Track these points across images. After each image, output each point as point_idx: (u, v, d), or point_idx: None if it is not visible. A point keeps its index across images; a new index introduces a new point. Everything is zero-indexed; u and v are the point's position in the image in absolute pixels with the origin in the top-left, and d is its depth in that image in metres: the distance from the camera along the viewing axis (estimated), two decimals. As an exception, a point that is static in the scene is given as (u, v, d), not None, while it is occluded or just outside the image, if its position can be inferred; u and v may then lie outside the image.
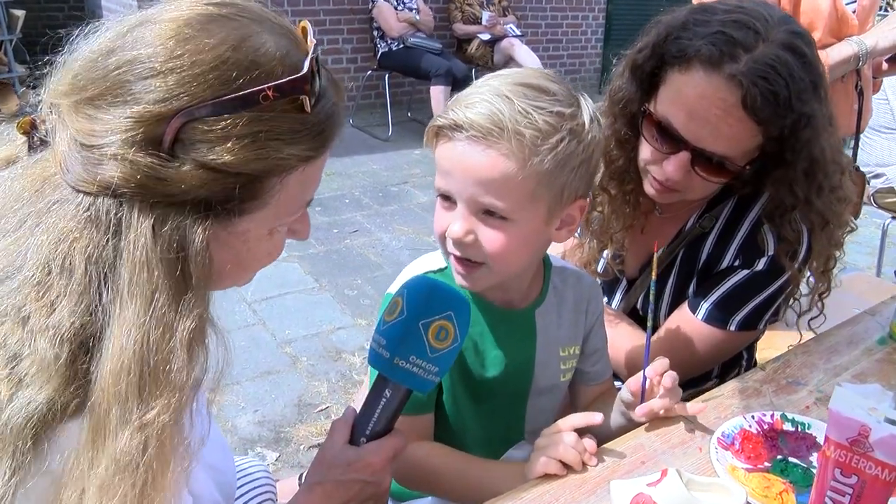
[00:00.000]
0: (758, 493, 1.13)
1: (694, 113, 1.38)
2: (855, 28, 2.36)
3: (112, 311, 0.78)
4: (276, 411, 3.03)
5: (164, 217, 0.79)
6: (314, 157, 0.88)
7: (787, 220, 1.48)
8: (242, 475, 1.48)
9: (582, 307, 1.44)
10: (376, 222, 5.07)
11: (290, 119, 0.83)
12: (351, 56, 7.37)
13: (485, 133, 1.12)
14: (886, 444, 0.89)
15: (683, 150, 1.42)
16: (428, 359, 1.05)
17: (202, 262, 0.81)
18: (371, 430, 1.10)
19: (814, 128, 1.39)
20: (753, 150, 1.44)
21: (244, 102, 0.80)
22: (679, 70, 1.40)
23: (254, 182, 0.83)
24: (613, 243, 1.70)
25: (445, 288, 1.09)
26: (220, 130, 0.79)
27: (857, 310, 1.80)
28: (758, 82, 1.31)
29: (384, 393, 1.08)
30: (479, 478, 1.28)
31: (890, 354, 1.57)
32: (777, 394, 1.42)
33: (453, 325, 1.05)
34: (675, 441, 1.28)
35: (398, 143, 6.81)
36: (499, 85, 1.16)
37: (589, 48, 9.28)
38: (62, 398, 0.78)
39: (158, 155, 0.78)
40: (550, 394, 1.45)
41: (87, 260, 0.78)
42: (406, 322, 1.05)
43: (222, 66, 0.79)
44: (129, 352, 0.78)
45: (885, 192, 3.63)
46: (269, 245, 0.93)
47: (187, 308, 0.81)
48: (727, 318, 1.57)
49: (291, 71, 0.83)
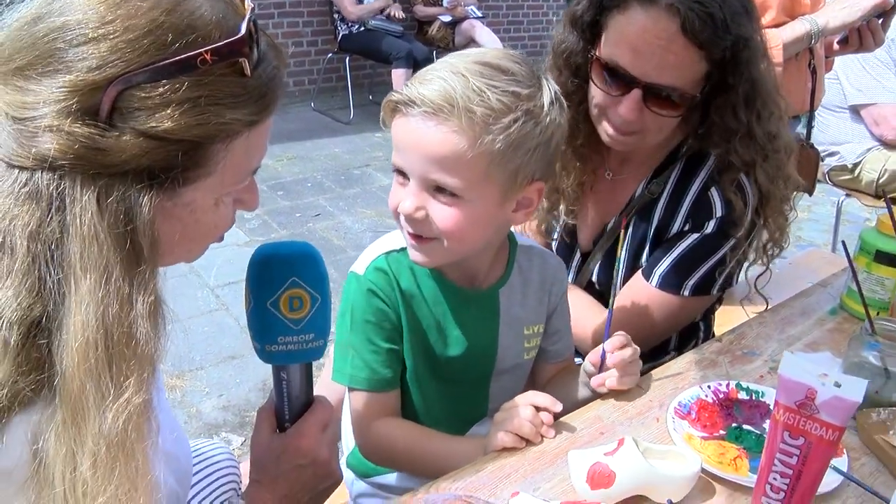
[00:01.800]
0: (713, 460, 1.16)
1: (638, 49, 1.42)
2: (807, 7, 2.40)
3: (67, 289, 0.76)
4: (240, 396, 3.02)
5: (108, 189, 0.77)
6: (257, 122, 0.85)
7: (731, 151, 1.51)
8: (204, 459, 1.46)
9: (546, 287, 1.44)
10: (339, 206, 5.05)
11: (230, 83, 0.81)
12: (311, 39, 7.30)
13: (436, 109, 1.12)
14: (830, 406, 0.92)
15: (634, 89, 1.45)
16: (295, 332, 1.03)
17: (150, 233, 0.79)
18: (289, 413, 1.10)
19: (751, 49, 1.45)
20: (700, 80, 1.47)
21: (182, 67, 0.77)
22: (618, 11, 1.45)
23: (197, 149, 0.80)
24: (566, 199, 1.72)
25: (278, 254, 1.05)
26: (158, 97, 0.76)
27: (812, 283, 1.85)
28: (693, 7, 1.36)
29: (281, 377, 1.08)
30: (440, 452, 1.29)
31: (840, 324, 1.61)
32: (733, 364, 1.45)
33: (303, 288, 1.02)
34: (633, 412, 1.30)
35: (360, 127, 6.77)
36: (457, 63, 1.16)
37: (550, 29, 9.20)
38: (17, 385, 0.76)
39: (96, 125, 0.75)
40: (514, 373, 1.46)
41: (28, 238, 0.75)
42: (255, 308, 1.03)
43: (157, 31, 0.76)
44: (91, 327, 0.76)
45: (839, 170, 3.70)
46: (216, 216, 0.91)
47: (142, 281, 0.79)
48: (680, 283, 1.60)
49: (229, 34, 0.80)
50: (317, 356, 1.07)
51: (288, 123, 6.63)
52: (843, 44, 2.47)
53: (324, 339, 1.07)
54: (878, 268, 1.55)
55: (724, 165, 1.54)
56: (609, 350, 1.31)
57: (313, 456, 1.10)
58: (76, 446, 0.77)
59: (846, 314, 1.64)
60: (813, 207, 4.80)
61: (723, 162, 1.54)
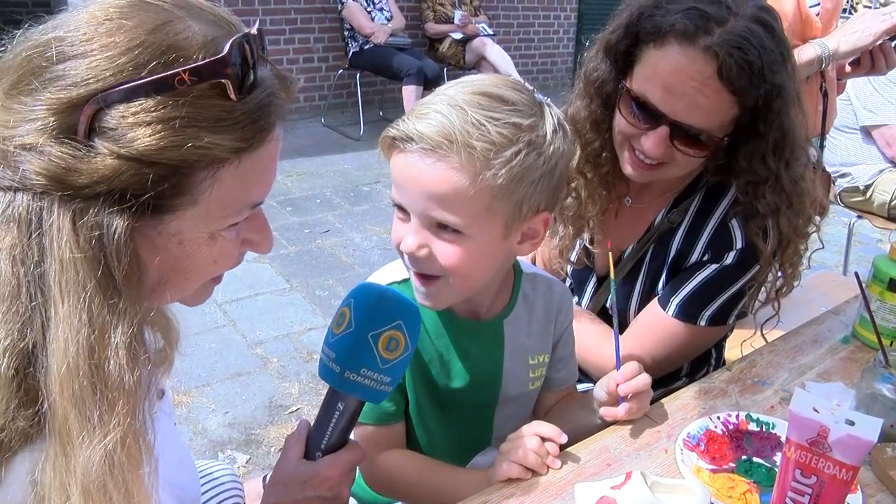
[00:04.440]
0: (722, 494, 1.14)
1: (671, 87, 1.39)
2: (818, 30, 2.39)
3: (48, 314, 0.75)
4: (246, 413, 3.00)
5: (83, 211, 0.75)
6: (245, 150, 0.81)
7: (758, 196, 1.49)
8: (209, 479, 1.46)
9: (552, 315, 1.42)
10: (348, 222, 5.05)
11: (212, 106, 0.78)
12: (322, 55, 7.33)
13: (434, 146, 1.09)
14: (844, 444, 0.90)
15: (662, 125, 1.43)
16: (379, 370, 1.03)
17: (125, 260, 0.77)
18: (326, 443, 1.09)
19: (784, 99, 1.42)
20: (729, 124, 1.45)
21: (158, 86, 0.74)
22: (654, 46, 1.41)
23: (175, 174, 0.77)
24: (590, 228, 1.70)
25: (393, 296, 1.07)
26: (132, 117, 0.74)
27: (824, 308, 1.83)
28: (733, 52, 1.33)
29: (337, 406, 1.07)
30: (446, 484, 1.28)
31: (853, 353, 1.59)
32: (743, 394, 1.43)
33: (403, 334, 1.03)
34: (641, 443, 1.28)
35: (369, 143, 6.77)
36: (455, 94, 1.13)
37: (561, 47, 9.32)
38: (16, 420, 0.75)
39: (72, 144, 0.73)
40: (519, 402, 1.44)
41: (12, 261, 0.74)
42: (355, 334, 1.03)
43: (136, 49, 0.74)
44: (71, 352, 0.74)
45: (850, 192, 3.68)
46: (213, 251, 0.87)
47: (122, 310, 0.77)
48: (697, 314, 1.58)
49: (213, 56, 0.78)
50: (379, 399, 1.07)
51: (298, 139, 6.66)
52: (854, 66, 2.45)
53: (393, 388, 1.08)
54: (891, 296, 1.53)
55: (750, 212, 1.51)
56: (621, 380, 1.29)
57: (337, 491, 1.10)
58: (67, 477, 0.75)
59: (859, 343, 1.61)
60: (824, 229, 4.75)
61: (750, 208, 1.51)
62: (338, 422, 1.08)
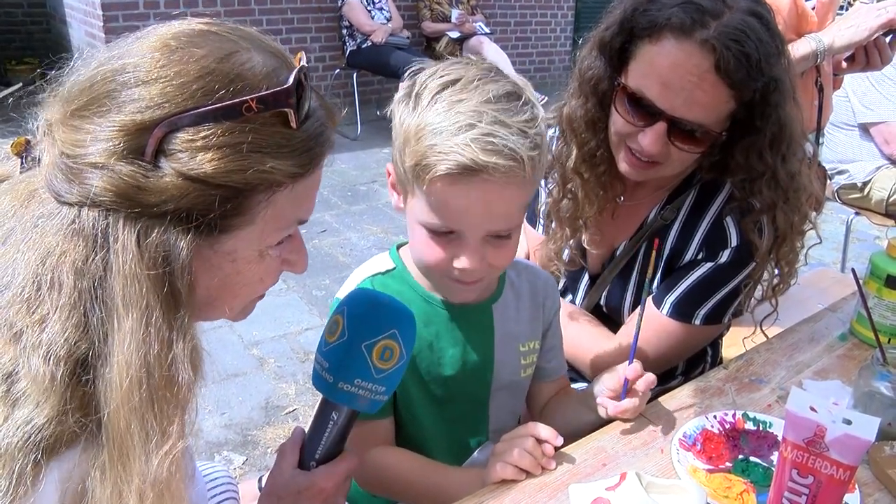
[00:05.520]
0: (718, 494, 1.13)
1: (668, 82, 1.38)
2: (814, 24, 2.37)
3: (110, 327, 0.78)
4: (242, 414, 2.99)
5: (148, 229, 0.78)
6: (301, 175, 0.87)
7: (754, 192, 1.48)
8: (205, 481, 1.46)
9: (539, 301, 1.42)
10: (345, 222, 5.04)
11: (274, 133, 0.83)
12: (319, 55, 7.31)
13: (507, 170, 1.08)
14: (841, 444, 0.89)
15: (659, 121, 1.41)
16: (373, 380, 1.02)
17: (188, 277, 0.81)
18: (321, 453, 1.08)
19: (781, 93, 1.41)
20: (726, 119, 1.44)
21: (227, 113, 0.79)
22: (650, 41, 1.39)
23: (237, 196, 0.82)
24: (586, 229, 1.69)
25: (387, 303, 1.06)
26: (201, 140, 0.78)
27: (822, 305, 1.82)
28: (730, 45, 1.32)
29: (331, 416, 1.06)
30: (439, 483, 1.27)
31: (850, 350, 1.58)
32: (739, 392, 1.42)
33: (398, 343, 1.02)
34: (637, 443, 1.27)
35: (367, 142, 6.77)
36: (483, 109, 1.09)
37: (558, 46, 9.30)
38: (65, 422, 0.77)
39: (140, 164, 0.77)
40: (512, 391, 1.43)
41: (75, 274, 0.77)
42: (348, 344, 1.01)
43: (206, 77, 0.79)
44: (134, 366, 0.77)
45: (848, 188, 3.67)
46: (260, 269, 0.91)
47: (182, 325, 0.81)
48: (692, 313, 1.57)
49: (277, 86, 0.83)
50: (373, 409, 1.06)
51: (295, 139, 6.62)
52: (849, 61, 2.44)
53: (388, 396, 1.07)
54: (889, 293, 1.52)
55: (746, 209, 1.50)
56: (630, 377, 1.28)
57: (333, 502, 1.09)
58: (123, 485, 0.78)
59: (856, 340, 1.60)
60: (822, 225, 4.75)
61: (745, 204, 1.50)
62: (332, 431, 1.06)
